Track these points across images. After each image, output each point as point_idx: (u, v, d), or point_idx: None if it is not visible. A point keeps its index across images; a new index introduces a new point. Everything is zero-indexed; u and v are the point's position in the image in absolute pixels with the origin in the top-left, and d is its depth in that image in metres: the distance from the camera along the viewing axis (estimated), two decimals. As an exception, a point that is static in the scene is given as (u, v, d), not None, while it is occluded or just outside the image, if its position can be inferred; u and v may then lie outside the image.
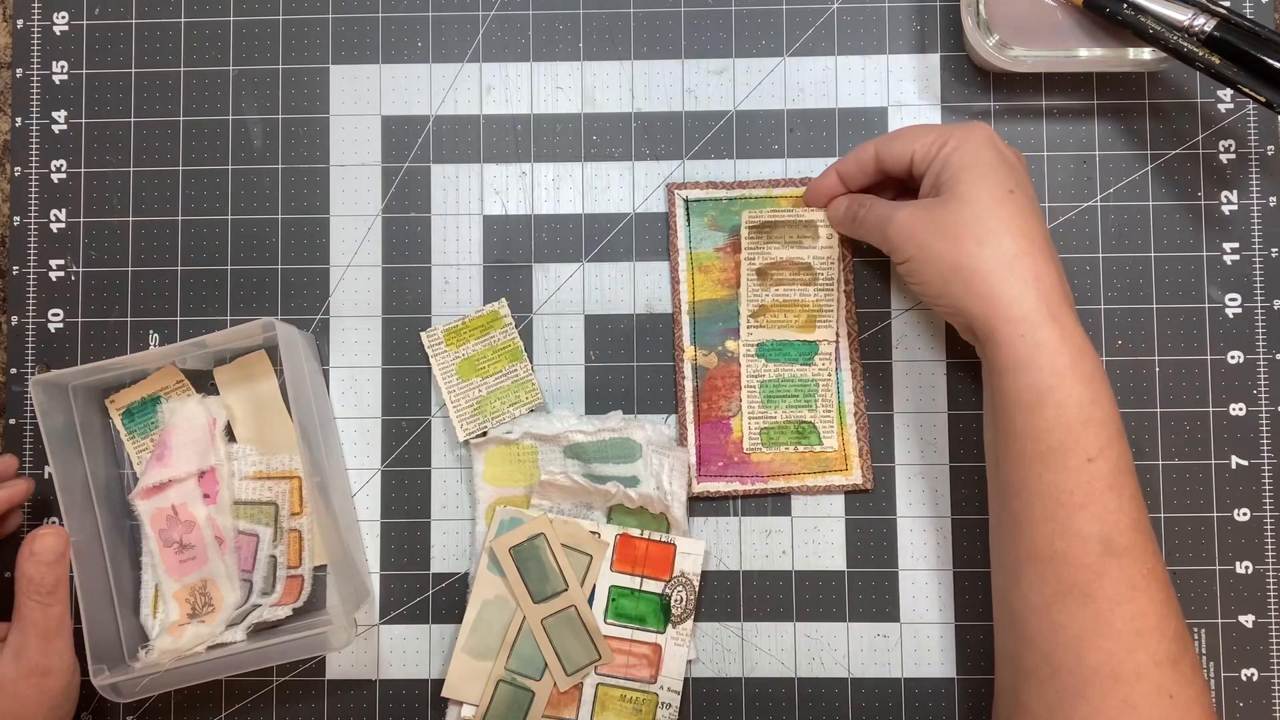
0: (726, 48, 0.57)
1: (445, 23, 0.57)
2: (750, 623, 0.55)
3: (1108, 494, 0.43)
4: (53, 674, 0.48)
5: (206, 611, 0.52)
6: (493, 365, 0.55)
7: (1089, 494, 0.43)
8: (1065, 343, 0.44)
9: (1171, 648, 0.43)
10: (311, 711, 0.55)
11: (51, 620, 0.48)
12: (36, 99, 0.57)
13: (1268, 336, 0.55)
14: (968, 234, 0.45)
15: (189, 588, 0.53)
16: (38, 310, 0.56)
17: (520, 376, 0.55)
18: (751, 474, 0.55)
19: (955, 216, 0.46)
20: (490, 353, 0.55)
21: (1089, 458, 0.43)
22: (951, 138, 0.48)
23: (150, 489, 0.53)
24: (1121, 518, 0.43)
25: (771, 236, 0.55)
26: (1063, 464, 0.43)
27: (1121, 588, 0.43)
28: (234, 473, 0.54)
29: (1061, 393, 0.43)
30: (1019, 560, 0.45)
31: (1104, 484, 0.43)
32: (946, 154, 0.47)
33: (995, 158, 0.47)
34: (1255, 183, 0.55)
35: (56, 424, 0.52)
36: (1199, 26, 0.50)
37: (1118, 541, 0.43)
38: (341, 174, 0.57)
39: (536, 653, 0.53)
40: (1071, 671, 0.43)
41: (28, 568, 0.48)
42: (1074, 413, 0.43)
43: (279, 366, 0.54)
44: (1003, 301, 0.44)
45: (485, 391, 0.55)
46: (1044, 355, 0.44)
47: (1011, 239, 0.45)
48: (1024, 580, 0.45)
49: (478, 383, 0.55)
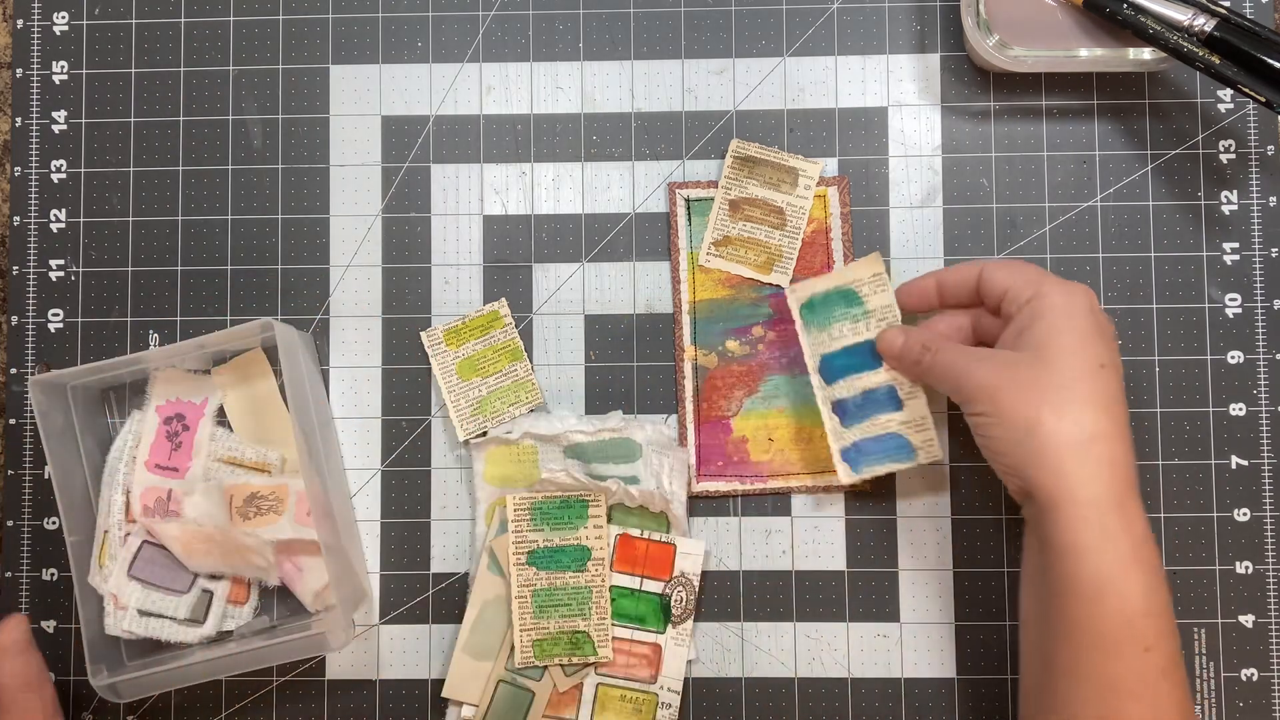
0: (726, 48, 0.57)
1: (445, 23, 0.57)
2: (750, 623, 0.55)
3: (1161, 683, 0.42)
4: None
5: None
6: (493, 365, 0.55)
7: (1143, 684, 0.42)
8: (1129, 532, 0.42)
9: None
10: (311, 711, 0.55)
11: (48, 703, 0.48)
12: (36, 99, 0.57)
13: (1268, 336, 0.55)
14: (1048, 402, 0.43)
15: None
16: (38, 310, 0.56)
17: (520, 376, 0.55)
18: (751, 474, 0.55)
19: (1039, 381, 0.44)
20: (490, 353, 0.55)
21: (1146, 648, 0.42)
22: (1053, 291, 0.45)
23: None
24: (1170, 705, 0.43)
25: (753, 173, 0.55)
26: (1120, 654, 0.42)
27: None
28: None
29: (1125, 584, 0.42)
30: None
31: (1158, 673, 0.42)
32: (1042, 308, 0.45)
33: (1092, 327, 0.45)
34: (1255, 183, 0.55)
35: (56, 424, 0.52)
36: (1199, 26, 0.50)
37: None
38: (341, 174, 0.57)
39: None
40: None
41: (8, 664, 0.48)
42: (1136, 604, 0.42)
43: (277, 366, 0.54)
44: (1073, 480, 0.43)
45: (485, 391, 0.55)
46: (1109, 544, 0.42)
47: (1093, 418, 0.43)
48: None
49: (478, 383, 0.55)
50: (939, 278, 0.50)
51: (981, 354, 0.46)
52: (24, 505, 0.56)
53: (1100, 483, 0.43)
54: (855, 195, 0.56)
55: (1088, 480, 0.43)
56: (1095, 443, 0.43)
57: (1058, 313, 0.45)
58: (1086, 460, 0.43)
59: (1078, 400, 0.43)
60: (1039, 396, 0.43)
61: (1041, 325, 0.45)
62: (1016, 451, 0.44)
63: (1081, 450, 0.43)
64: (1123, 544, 0.42)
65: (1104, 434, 0.43)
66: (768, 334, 0.55)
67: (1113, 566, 0.42)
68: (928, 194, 0.56)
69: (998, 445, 0.45)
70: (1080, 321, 0.45)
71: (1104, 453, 0.43)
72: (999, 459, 0.45)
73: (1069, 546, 0.43)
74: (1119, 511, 0.43)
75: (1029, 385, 0.44)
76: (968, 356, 0.46)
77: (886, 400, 0.51)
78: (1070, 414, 0.43)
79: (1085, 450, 0.43)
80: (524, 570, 0.53)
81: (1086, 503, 0.42)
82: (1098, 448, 0.43)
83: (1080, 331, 0.44)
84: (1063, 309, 0.45)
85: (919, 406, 0.51)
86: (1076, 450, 0.43)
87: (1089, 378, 0.44)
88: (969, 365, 0.46)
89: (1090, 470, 0.43)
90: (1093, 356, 0.44)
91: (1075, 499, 0.43)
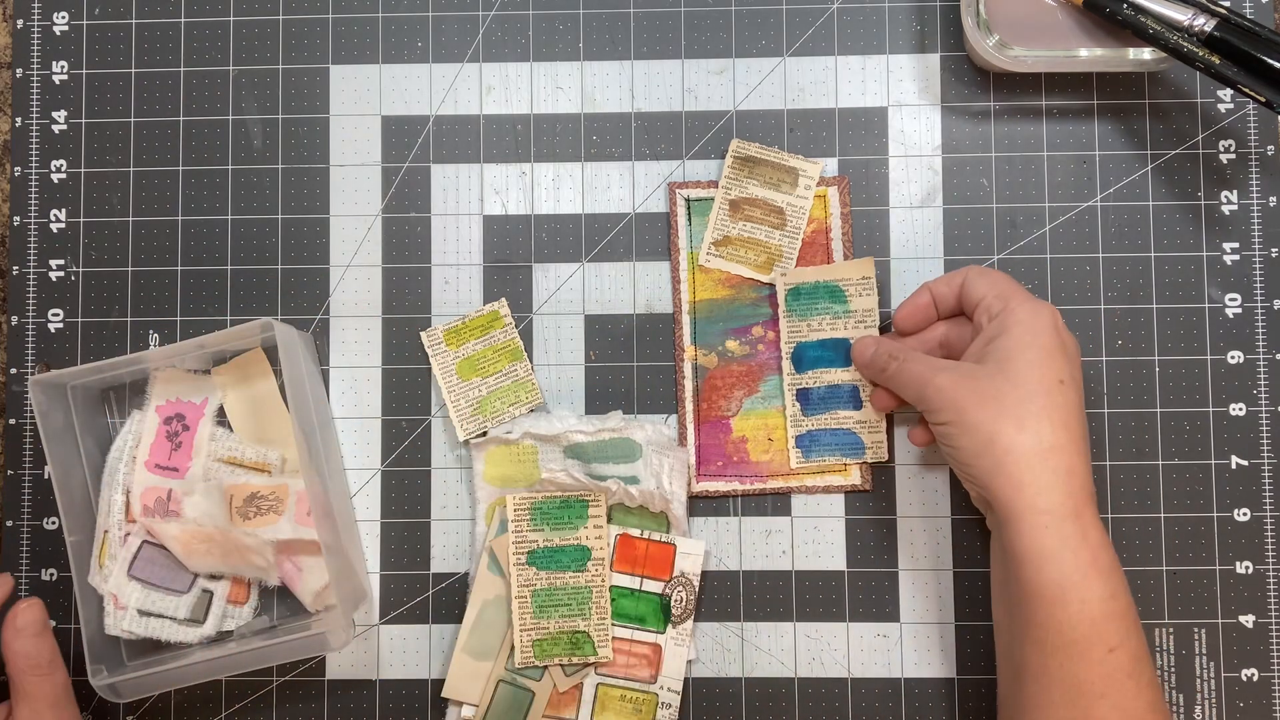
0: (726, 48, 0.57)
1: (445, 23, 0.57)
2: (750, 623, 0.55)
3: (1127, 682, 0.44)
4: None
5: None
6: (493, 365, 0.55)
7: (1109, 684, 0.44)
8: (1087, 539, 0.44)
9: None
10: (311, 711, 0.55)
11: (58, 689, 0.48)
12: (36, 99, 0.57)
13: (1268, 336, 0.55)
14: (1009, 414, 0.45)
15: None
16: (38, 310, 0.56)
17: (520, 376, 0.55)
18: (751, 474, 0.55)
19: (1001, 394, 0.45)
20: (490, 353, 0.55)
21: (1110, 649, 0.44)
22: (1020, 308, 0.47)
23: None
24: (1140, 704, 0.44)
25: (753, 172, 0.55)
26: (1085, 655, 0.44)
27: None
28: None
29: (1085, 589, 0.44)
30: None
31: (1124, 673, 0.44)
32: (1009, 323, 0.47)
33: (1055, 344, 0.46)
34: (1255, 183, 0.55)
35: (56, 424, 0.52)
36: (1199, 26, 0.50)
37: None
38: (341, 174, 0.57)
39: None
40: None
41: (19, 645, 0.48)
42: (1097, 607, 0.44)
43: (277, 366, 0.54)
44: (1031, 490, 0.44)
45: (485, 391, 0.55)
46: (1068, 550, 0.44)
47: (1052, 430, 0.45)
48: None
49: (478, 383, 0.55)
50: (931, 289, 0.51)
51: (944, 365, 0.48)
52: (24, 505, 0.56)
53: (1057, 492, 0.44)
54: (855, 195, 0.56)
55: (1045, 490, 0.44)
56: (1053, 454, 0.44)
57: (1023, 328, 0.46)
58: (1044, 471, 0.44)
59: (1035, 414, 0.45)
60: (999, 408, 0.45)
61: (1006, 340, 0.46)
62: (979, 461, 0.45)
63: (1039, 461, 0.44)
64: (1081, 550, 0.44)
65: (1061, 446, 0.45)
66: (768, 334, 0.55)
67: (1072, 572, 0.44)
68: (928, 194, 0.56)
69: (962, 456, 0.46)
70: (1044, 338, 0.46)
71: (1061, 464, 0.44)
72: (963, 468, 0.47)
73: (1029, 554, 0.44)
74: (1076, 520, 0.44)
75: (991, 398, 0.45)
76: (932, 368, 0.48)
77: (849, 398, 0.54)
78: (1030, 427, 0.45)
79: (1043, 461, 0.44)
80: (524, 570, 0.53)
81: (1045, 511, 0.44)
82: (1055, 459, 0.44)
83: (1043, 348, 0.46)
84: (1028, 325, 0.46)
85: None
86: (1035, 461, 0.44)
87: (1048, 393, 0.45)
88: (933, 376, 0.47)
89: (1047, 480, 0.44)
90: (1053, 372, 0.46)
91: (1034, 508, 0.44)
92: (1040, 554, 0.44)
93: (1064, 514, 0.44)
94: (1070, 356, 0.47)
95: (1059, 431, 0.45)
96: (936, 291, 0.51)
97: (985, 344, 0.47)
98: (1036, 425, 0.45)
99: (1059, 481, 0.44)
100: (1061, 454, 0.45)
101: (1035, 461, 0.44)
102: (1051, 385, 0.45)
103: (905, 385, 0.49)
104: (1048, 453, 0.44)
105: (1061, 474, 0.44)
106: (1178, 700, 0.54)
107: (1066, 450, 0.45)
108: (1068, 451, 0.45)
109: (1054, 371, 0.46)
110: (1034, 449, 0.44)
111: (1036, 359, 0.46)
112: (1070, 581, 0.44)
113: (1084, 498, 0.45)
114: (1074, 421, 0.45)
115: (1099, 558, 0.44)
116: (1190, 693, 0.54)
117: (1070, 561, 0.44)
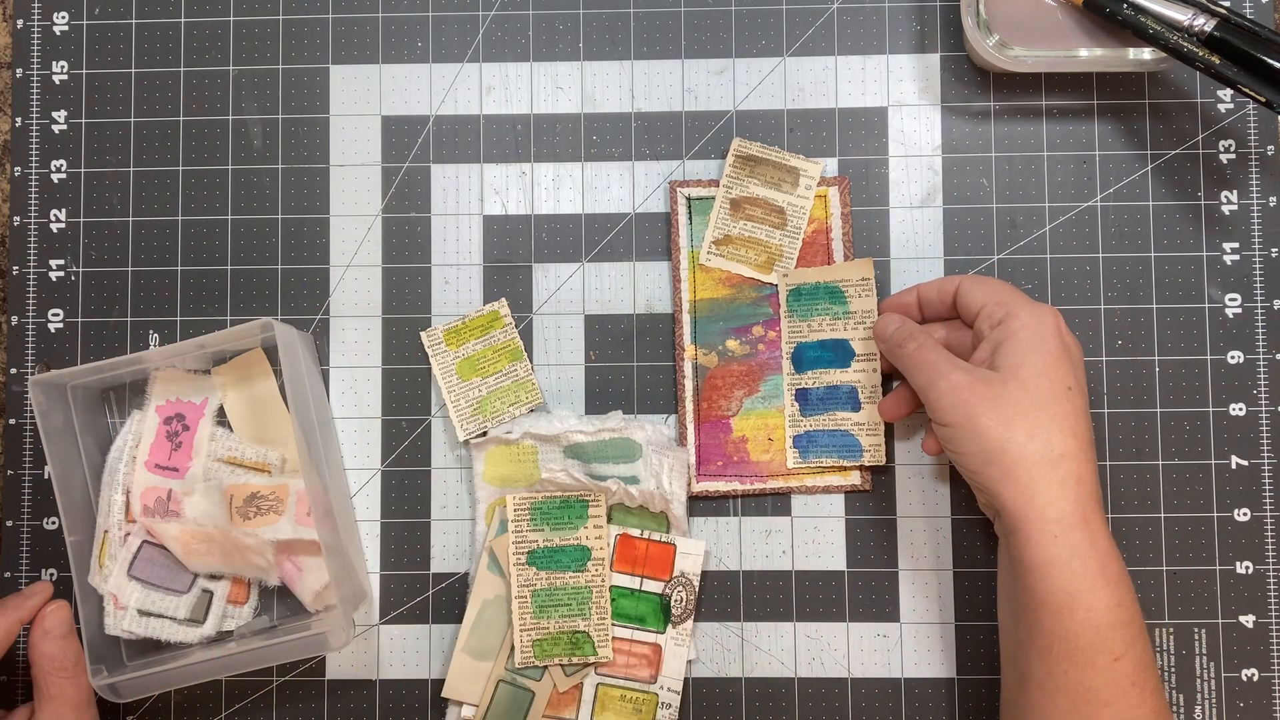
0: (726, 48, 0.57)
1: (445, 23, 0.57)
2: (750, 623, 0.55)
3: (1131, 690, 0.44)
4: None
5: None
6: (493, 365, 0.55)
7: (1115, 692, 0.44)
8: (1095, 547, 0.44)
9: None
10: (311, 711, 0.55)
11: (82, 692, 0.49)
12: (36, 99, 0.57)
13: (1268, 336, 0.55)
14: (1020, 421, 0.45)
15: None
16: (38, 310, 0.56)
17: (520, 376, 0.55)
18: (751, 474, 0.55)
19: (1012, 400, 0.45)
20: (490, 353, 0.55)
21: (1115, 657, 0.44)
22: (1023, 312, 0.47)
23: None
24: (1144, 711, 0.44)
25: (754, 172, 0.55)
26: (1090, 663, 0.44)
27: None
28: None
29: (1092, 597, 0.44)
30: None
31: (1129, 681, 0.44)
32: (1014, 329, 0.46)
33: (1060, 350, 0.46)
34: (1255, 183, 0.55)
35: (56, 424, 0.52)
36: (1199, 26, 0.50)
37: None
38: (341, 174, 0.57)
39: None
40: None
41: (46, 647, 0.48)
42: (1103, 616, 0.44)
43: (277, 366, 0.54)
44: (1040, 499, 0.44)
45: (485, 391, 0.55)
46: (1076, 559, 0.44)
47: (1061, 438, 0.45)
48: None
49: (478, 383, 0.55)
50: (920, 291, 0.52)
51: (961, 363, 0.47)
52: (24, 505, 0.56)
53: (1066, 501, 0.44)
54: (855, 195, 0.56)
55: (1055, 499, 0.44)
56: (1062, 462, 0.44)
57: (1029, 333, 0.46)
58: (1053, 480, 0.44)
59: (1046, 422, 0.45)
60: (1011, 415, 0.45)
61: (1013, 347, 0.46)
62: (988, 468, 0.45)
63: (1049, 470, 0.44)
64: (1089, 559, 0.44)
65: (1070, 454, 0.45)
66: (768, 333, 0.55)
67: (1080, 581, 0.44)
68: (928, 194, 0.56)
69: (969, 462, 0.46)
70: (1049, 343, 0.46)
71: (1070, 472, 0.44)
72: (970, 475, 0.47)
73: (1038, 562, 0.44)
74: (1084, 528, 0.44)
75: (1003, 404, 0.45)
76: (950, 363, 0.47)
77: (847, 399, 0.54)
78: (1040, 435, 0.45)
79: (1052, 470, 0.44)
80: (524, 570, 0.53)
81: (1054, 520, 0.44)
82: (1064, 467, 0.44)
83: (1049, 353, 0.46)
84: (1034, 330, 0.46)
85: (874, 412, 0.54)
86: (1044, 469, 0.44)
87: (1057, 400, 0.45)
88: (949, 370, 0.47)
89: (1056, 490, 0.44)
90: (1061, 379, 0.46)
91: (1043, 516, 0.44)
92: (1048, 562, 0.44)
93: (1072, 523, 0.44)
94: (1075, 361, 0.47)
95: (1068, 439, 0.45)
96: (924, 295, 0.51)
97: (991, 350, 0.47)
98: (1046, 433, 0.45)
99: (1068, 490, 0.44)
100: (1070, 462, 0.45)
101: (1045, 470, 0.44)
102: (1060, 392, 0.45)
103: (917, 370, 0.48)
104: (1057, 461, 0.44)
105: (1070, 482, 0.44)
106: (1178, 700, 0.54)
107: (1075, 458, 0.45)
108: (1076, 459, 0.45)
109: (1061, 378, 0.46)
110: (1044, 457, 0.44)
111: (1044, 365, 0.45)
112: (1078, 590, 0.44)
113: (1092, 505, 0.45)
114: (1081, 428, 0.45)
115: (1107, 566, 0.44)
116: (1190, 693, 0.54)
117: (1078, 570, 0.44)
